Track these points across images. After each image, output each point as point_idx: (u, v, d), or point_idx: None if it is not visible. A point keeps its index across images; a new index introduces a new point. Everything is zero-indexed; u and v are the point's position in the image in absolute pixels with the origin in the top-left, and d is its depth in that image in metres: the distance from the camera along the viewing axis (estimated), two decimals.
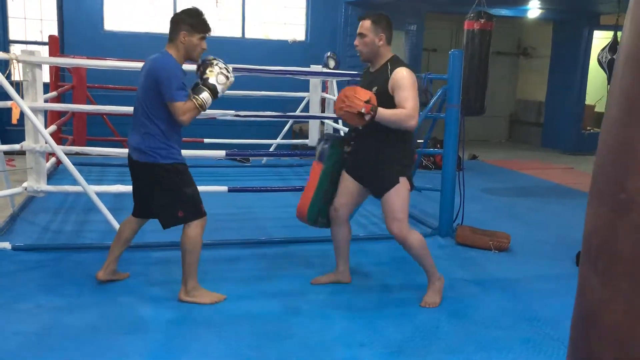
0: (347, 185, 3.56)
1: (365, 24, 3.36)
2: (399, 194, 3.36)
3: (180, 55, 3.22)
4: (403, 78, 3.24)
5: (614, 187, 1.02)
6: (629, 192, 0.98)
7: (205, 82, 3.19)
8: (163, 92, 3.11)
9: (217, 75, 3.19)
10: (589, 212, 1.13)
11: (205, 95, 3.15)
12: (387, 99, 3.24)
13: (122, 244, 3.56)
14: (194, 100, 3.13)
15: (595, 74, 9.98)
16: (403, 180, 3.39)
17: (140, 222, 3.56)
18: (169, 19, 3.28)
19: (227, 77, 3.22)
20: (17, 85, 4.44)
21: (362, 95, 3.16)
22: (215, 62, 3.24)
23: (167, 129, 3.21)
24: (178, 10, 8.86)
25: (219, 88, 3.20)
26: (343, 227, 3.67)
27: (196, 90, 3.19)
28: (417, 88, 3.30)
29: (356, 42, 3.40)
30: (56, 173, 6.36)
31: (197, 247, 3.31)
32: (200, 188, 4.86)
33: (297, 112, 7.22)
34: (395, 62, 3.33)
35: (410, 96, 3.21)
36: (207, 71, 3.20)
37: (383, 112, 3.17)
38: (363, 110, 3.11)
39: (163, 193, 3.27)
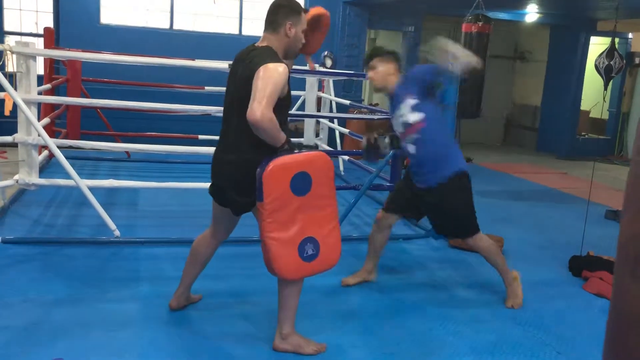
0: None
1: None
2: None
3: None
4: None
5: None
6: None
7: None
8: None
9: None
10: (625, 219, 1.10)
11: None
12: None
13: None
14: None
15: (591, 80, 10.01)
16: None
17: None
18: None
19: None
20: (11, 77, 4.40)
21: None
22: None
23: None
24: (175, 5, 8.92)
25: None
26: None
27: None
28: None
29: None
30: (48, 166, 6.31)
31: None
32: (195, 184, 4.87)
33: (293, 111, 7.19)
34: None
35: None
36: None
37: None
38: None
39: None
